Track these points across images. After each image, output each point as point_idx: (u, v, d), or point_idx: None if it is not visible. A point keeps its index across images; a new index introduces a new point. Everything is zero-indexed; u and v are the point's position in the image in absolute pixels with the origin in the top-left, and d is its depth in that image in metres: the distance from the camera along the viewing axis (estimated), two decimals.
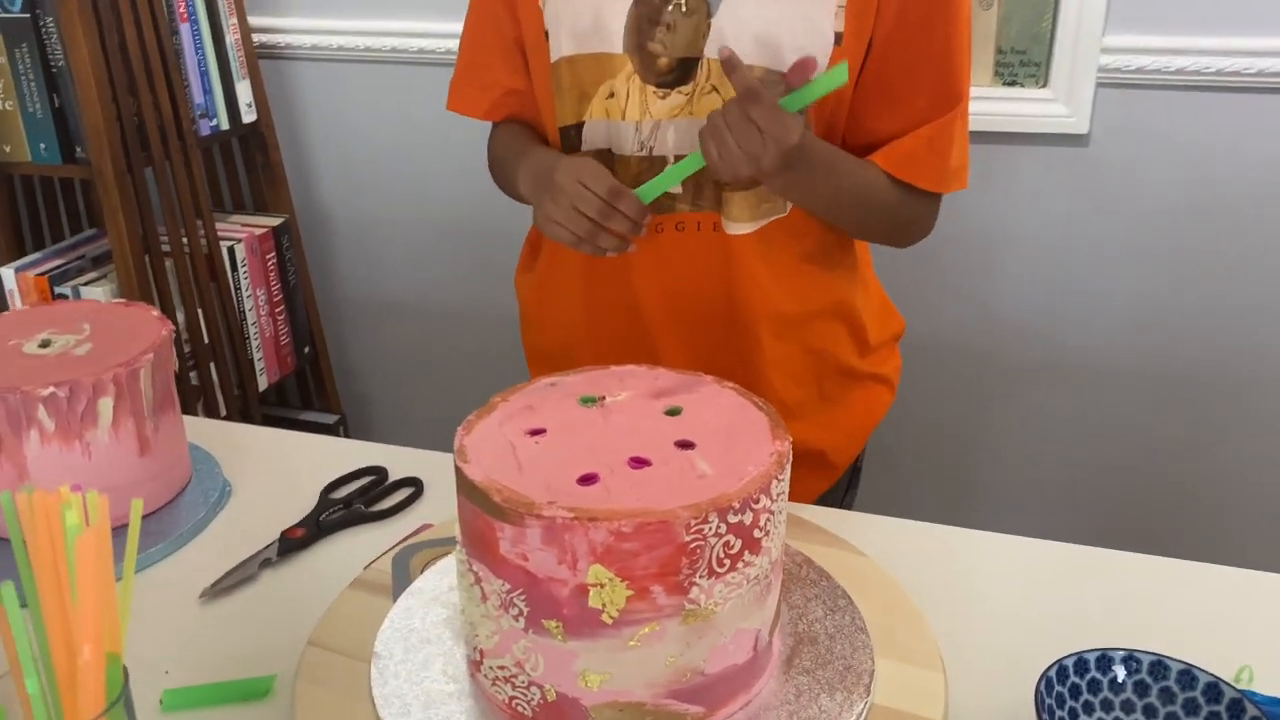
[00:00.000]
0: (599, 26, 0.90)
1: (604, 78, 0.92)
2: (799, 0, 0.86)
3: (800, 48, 0.87)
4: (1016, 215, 1.66)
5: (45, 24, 1.45)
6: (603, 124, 0.93)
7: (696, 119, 0.90)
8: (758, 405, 0.69)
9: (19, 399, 0.83)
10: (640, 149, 0.92)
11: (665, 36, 0.89)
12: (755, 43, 0.87)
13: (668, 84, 0.90)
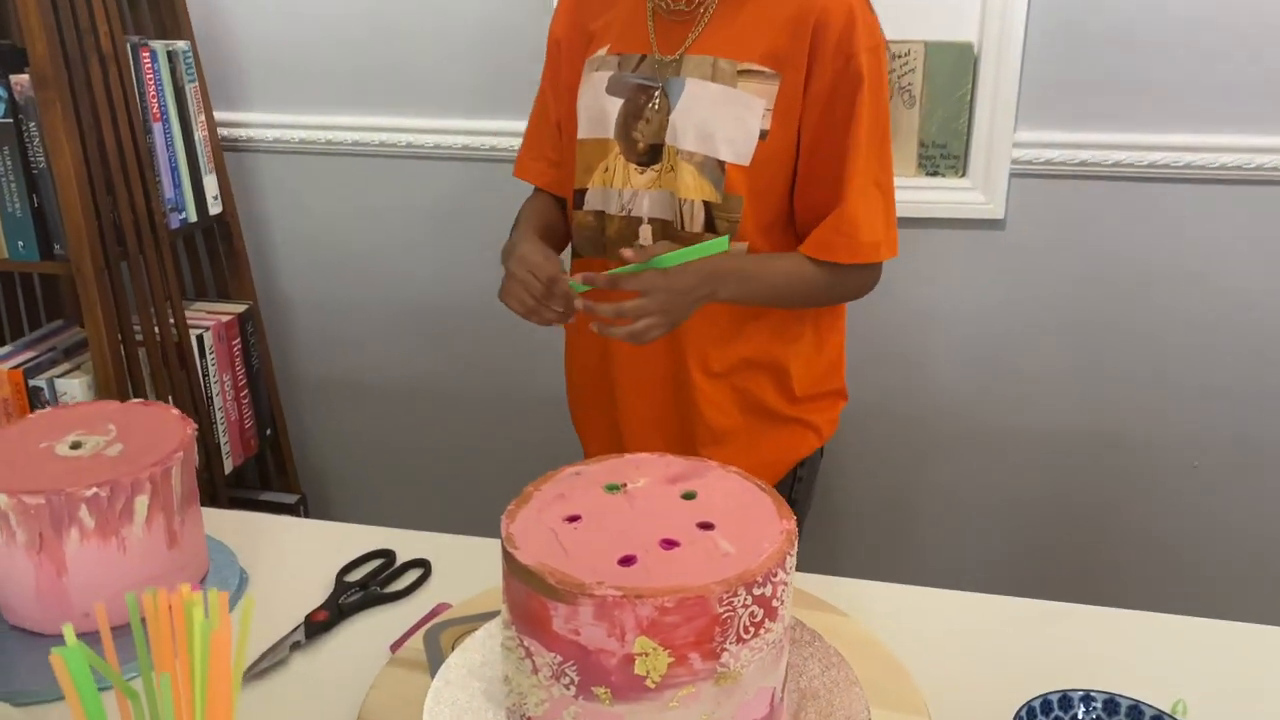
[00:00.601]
0: (602, 118, 1.16)
1: (603, 156, 1.16)
2: (734, 105, 1.09)
3: (731, 139, 1.10)
4: (942, 292, 1.81)
5: (28, 129, 1.50)
6: (599, 191, 1.18)
7: (664, 190, 1.14)
8: (760, 487, 0.79)
9: (63, 500, 0.89)
10: (622, 211, 1.17)
11: (643, 127, 1.14)
12: (697, 134, 1.10)
13: (644, 163, 1.14)
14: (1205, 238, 1.68)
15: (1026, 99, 1.68)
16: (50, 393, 1.59)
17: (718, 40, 1.11)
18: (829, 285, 1.17)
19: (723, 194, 1.11)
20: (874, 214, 1.13)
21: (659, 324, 1.03)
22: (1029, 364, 1.81)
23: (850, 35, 1.07)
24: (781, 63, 1.09)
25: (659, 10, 1.14)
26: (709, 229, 1.13)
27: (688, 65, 1.11)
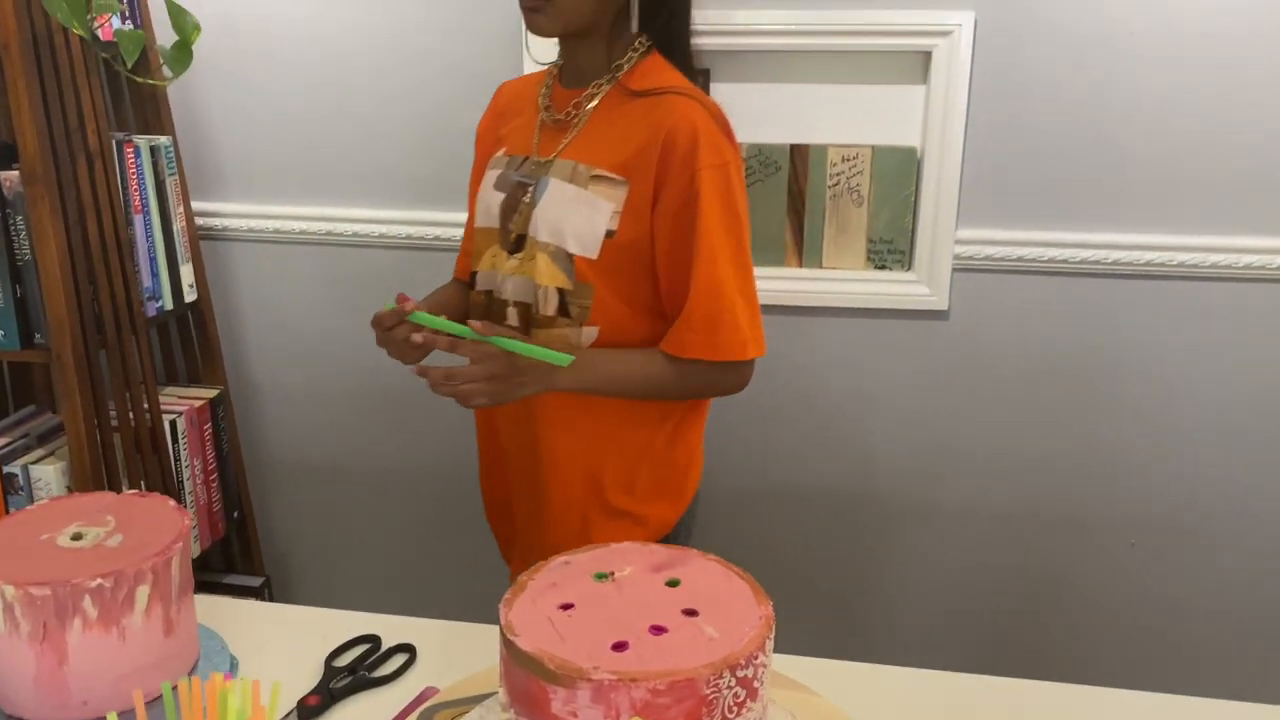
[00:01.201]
0: (489, 210, 1.31)
1: (491, 243, 1.31)
2: (585, 206, 1.21)
3: (579, 236, 1.21)
4: (890, 377, 1.90)
5: (15, 222, 1.55)
6: (487, 274, 1.31)
7: (525, 275, 1.25)
8: (739, 575, 0.85)
9: (68, 591, 0.92)
10: (498, 293, 1.30)
11: (516, 219, 1.27)
12: (550, 228, 1.22)
13: (513, 251, 1.27)
14: (1134, 329, 1.80)
15: (966, 200, 1.80)
16: (24, 479, 1.61)
17: (583, 148, 1.24)
18: (685, 381, 1.25)
19: (574, 282, 1.22)
20: (731, 315, 1.21)
21: (483, 394, 1.12)
22: (974, 447, 1.91)
23: (694, 153, 1.17)
24: (631, 172, 1.20)
25: (545, 120, 1.29)
26: (562, 313, 1.23)
27: (555, 168, 1.25)
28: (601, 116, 1.25)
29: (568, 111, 1.27)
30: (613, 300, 1.23)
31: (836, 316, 1.89)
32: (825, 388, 1.92)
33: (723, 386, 1.28)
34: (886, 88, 1.81)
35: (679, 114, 1.19)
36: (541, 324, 1.25)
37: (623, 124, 1.23)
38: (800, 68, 1.82)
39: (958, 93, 1.75)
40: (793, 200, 1.86)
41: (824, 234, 1.87)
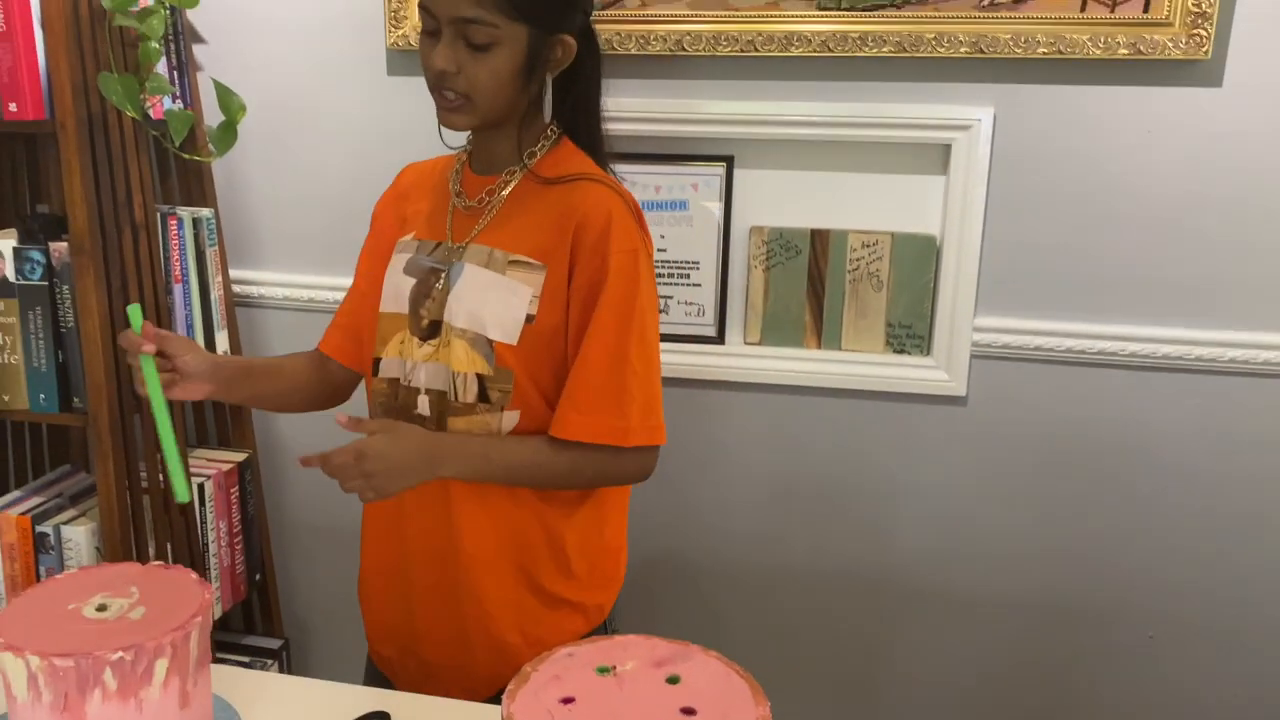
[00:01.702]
0: (398, 295, 1.30)
1: (397, 329, 1.29)
2: (503, 290, 1.23)
3: (499, 322, 1.22)
4: (907, 462, 1.92)
5: (61, 291, 1.61)
6: (394, 361, 1.30)
7: (440, 362, 1.25)
8: (739, 673, 0.87)
9: (90, 663, 0.95)
10: (405, 380, 1.28)
11: (429, 305, 1.27)
12: (468, 314, 1.23)
13: (425, 337, 1.27)
14: (1153, 421, 1.81)
15: (985, 288, 1.82)
16: (55, 539, 1.65)
17: (497, 233, 1.26)
18: (574, 467, 1.24)
19: (494, 367, 1.23)
20: (619, 399, 1.22)
21: (366, 489, 1.16)
22: (990, 535, 1.91)
23: (605, 239, 1.21)
24: (548, 256, 1.23)
25: (457, 206, 1.31)
26: (482, 399, 1.24)
27: (469, 253, 1.25)
28: (515, 203, 1.27)
29: (480, 198, 1.28)
30: (530, 387, 1.24)
31: (854, 399, 1.91)
32: (841, 470, 1.94)
33: (620, 475, 1.28)
34: (907, 177, 1.85)
35: (593, 200, 1.23)
36: (459, 411, 1.24)
37: (537, 210, 1.25)
38: (822, 156, 1.86)
39: (976, 184, 1.78)
40: (812, 283, 1.90)
41: (843, 317, 1.90)
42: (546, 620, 1.31)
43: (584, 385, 1.22)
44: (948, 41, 1.72)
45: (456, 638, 1.31)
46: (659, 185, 1.92)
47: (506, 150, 1.28)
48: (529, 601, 1.30)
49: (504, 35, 1.17)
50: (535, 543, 1.29)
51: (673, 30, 1.80)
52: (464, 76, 1.18)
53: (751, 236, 1.91)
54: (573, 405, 1.22)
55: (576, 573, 1.32)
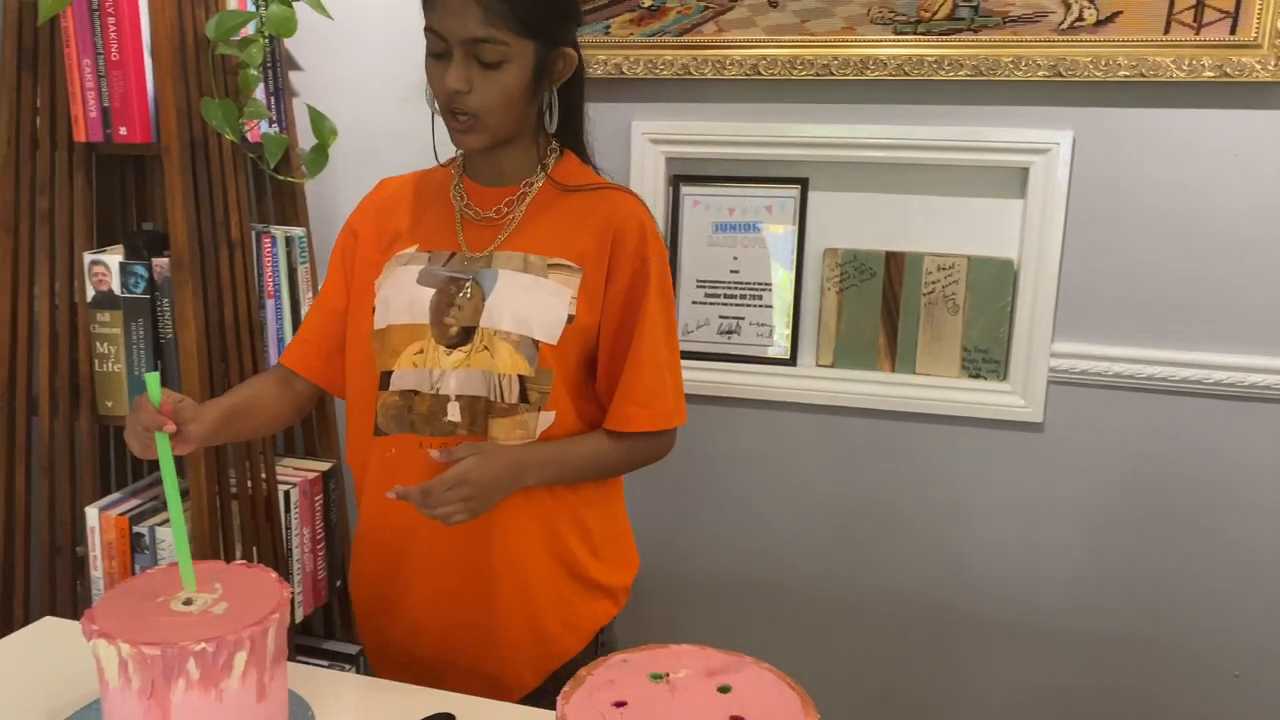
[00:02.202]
0: (412, 306, 1.29)
1: (413, 340, 1.29)
2: (544, 293, 1.27)
3: (543, 322, 1.26)
4: (980, 488, 1.89)
5: (161, 304, 1.71)
6: (411, 372, 1.29)
7: (473, 369, 1.26)
8: (790, 685, 0.88)
9: (175, 653, 1.01)
10: (432, 389, 1.28)
11: (455, 314, 1.28)
12: (513, 318, 1.26)
13: (453, 345, 1.27)
14: (1237, 452, 1.76)
15: (1063, 313, 1.80)
16: (150, 539, 1.74)
17: (527, 240, 1.30)
18: (627, 456, 1.34)
19: (536, 368, 1.27)
20: (666, 389, 1.32)
21: (460, 512, 1.20)
22: (1066, 564, 1.87)
23: (644, 243, 1.29)
24: (585, 260, 1.29)
25: (468, 218, 1.33)
26: (523, 400, 1.27)
27: (499, 260, 1.29)
28: (537, 211, 1.31)
29: (498, 209, 1.32)
30: (563, 387, 1.29)
31: (927, 423, 1.89)
32: (913, 494, 1.92)
33: (658, 455, 1.38)
34: (983, 200, 1.85)
35: (627, 208, 1.31)
36: (503, 413, 1.27)
37: (563, 217, 1.31)
38: (897, 179, 1.87)
39: (1055, 208, 1.77)
40: (887, 306, 1.90)
41: (918, 340, 1.90)
42: (582, 606, 1.37)
43: (641, 380, 1.30)
44: (1025, 65, 1.71)
45: (490, 638, 1.34)
46: (732, 207, 1.94)
47: (517, 163, 1.33)
48: (567, 588, 1.35)
49: (513, 52, 1.22)
50: (566, 530, 1.34)
51: (749, 55, 1.83)
52: (476, 95, 1.22)
53: (825, 259, 1.91)
54: (632, 399, 1.30)
55: (603, 555, 1.38)
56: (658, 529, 2.04)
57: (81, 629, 1.04)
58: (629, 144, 1.93)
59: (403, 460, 1.30)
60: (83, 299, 1.74)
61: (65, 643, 1.32)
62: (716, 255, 1.96)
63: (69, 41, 1.64)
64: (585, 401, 1.34)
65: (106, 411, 1.77)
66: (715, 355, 1.98)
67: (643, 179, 1.93)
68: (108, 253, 1.74)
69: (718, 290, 1.97)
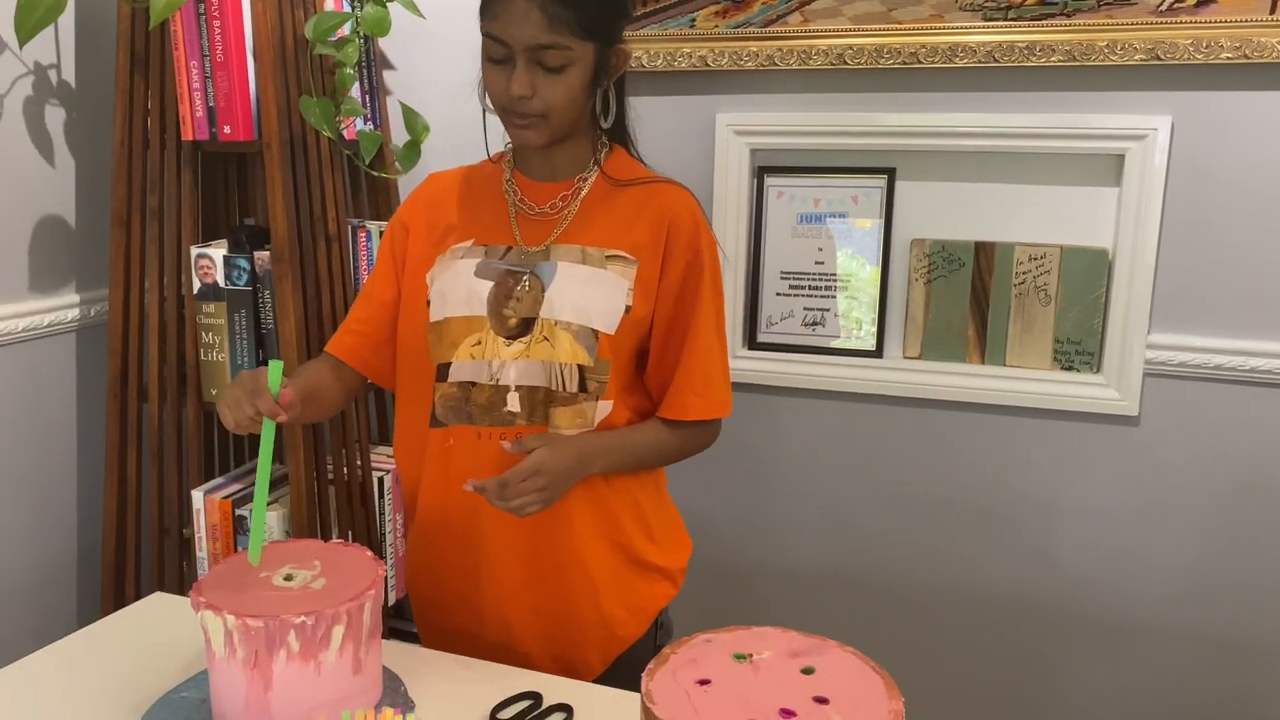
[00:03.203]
0: (470, 298, 1.31)
1: (471, 331, 1.30)
2: (605, 283, 1.29)
3: (602, 313, 1.28)
4: (1072, 483, 1.85)
5: (263, 296, 1.77)
6: (469, 364, 1.31)
7: (532, 360, 1.28)
8: (874, 669, 0.88)
9: (277, 625, 1.06)
10: (491, 380, 1.30)
11: (514, 306, 1.30)
12: (574, 309, 1.28)
13: (513, 336, 1.29)
14: None
15: (1160, 303, 1.75)
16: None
17: (583, 233, 1.32)
18: (682, 444, 1.37)
19: (595, 358, 1.28)
20: (720, 378, 1.35)
21: (534, 503, 1.22)
22: (1161, 563, 1.82)
23: (697, 235, 1.32)
24: (640, 251, 1.31)
25: (522, 212, 1.35)
26: (582, 390, 1.29)
27: (557, 252, 1.31)
28: (592, 205, 1.33)
29: (554, 203, 1.34)
30: (618, 376, 1.31)
31: (1018, 416, 1.86)
32: (1001, 489, 1.89)
33: (708, 443, 1.40)
34: (1076, 189, 1.81)
35: (680, 202, 1.33)
36: (564, 402, 1.29)
37: (617, 210, 1.33)
38: (986, 167, 1.84)
39: (1152, 196, 1.72)
40: (976, 297, 1.87)
41: (1008, 332, 1.86)
42: (643, 589, 1.39)
43: (697, 369, 1.32)
44: (1121, 49, 1.67)
45: (559, 625, 1.36)
46: (818, 198, 1.94)
47: (572, 158, 1.34)
48: (626, 572, 1.37)
49: (576, 56, 1.23)
50: (624, 516, 1.36)
51: (834, 45, 1.82)
52: (539, 99, 1.23)
53: (913, 249, 1.89)
54: (690, 388, 1.33)
55: (658, 538, 1.40)
56: (735, 521, 2.05)
57: (190, 601, 1.10)
58: (713, 136, 1.93)
59: (460, 451, 1.32)
60: (189, 291, 1.82)
61: (174, 617, 1.38)
62: (801, 247, 1.96)
63: (178, 44, 1.72)
64: (634, 393, 1.36)
65: (211, 399, 1.85)
66: (799, 347, 1.97)
67: (727, 171, 1.94)
68: (212, 247, 1.81)
69: (802, 282, 1.96)
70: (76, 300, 1.97)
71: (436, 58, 2.05)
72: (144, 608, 1.42)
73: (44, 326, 1.91)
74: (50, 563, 1.99)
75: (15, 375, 1.88)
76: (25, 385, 1.90)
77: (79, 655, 1.29)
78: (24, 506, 1.93)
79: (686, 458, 1.40)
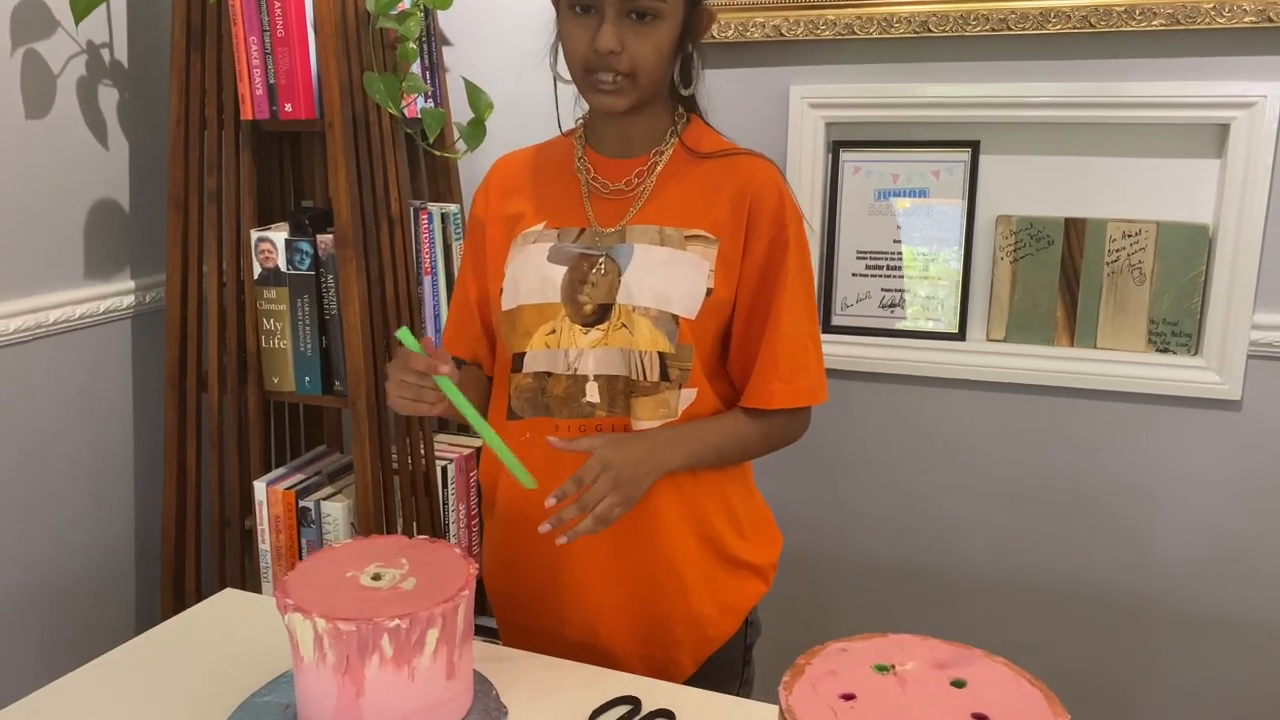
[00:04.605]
0: (544, 285, 1.25)
1: (545, 319, 1.25)
2: (685, 265, 1.22)
3: (682, 295, 1.21)
4: (1170, 471, 1.77)
5: (326, 280, 1.72)
6: (544, 353, 1.25)
7: (611, 348, 1.22)
8: (1030, 681, 0.81)
9: (370, 629, 1.00)
10: (568, 369, 1.24)
11: (589, 291, 1.23)
12: (652, 293, 1.21)
13: (590, 323, 1.23)
14: None
15: (1266, 282, 1.66)
16: (316, 514, 1.76)
17: (660, 212, 1.24)
18: (767, 435, 1.29)
19: (675, 344, 1.21)
20: (810, 362, 1.26)
21: (618, 503, 1.14)
22: (1265, 553, 1.73)
23: (782, 209, 1.23)
24: (721, 230, 1.23)
25: (595, 191, 1.28)
26: (663, 378, 1.22)
27: (633, 233, 1.24)
28: (668, 181, 1.25)
29: (628, 180, 1.26)
30: (700, 363, 1.24)
31: (1110, 401, 1.78)
32: (1093, 476, 1.81)
33: (797, 433, 1.32)
34: (1175, 161, 1.71)
35: (762, 174, 1.24)
36: (646, 391, 1.22)
37: (696, 186, 1.25)
38: (1077, 140, 1.75)
39: (1259, 168, 1.62)
40: (1065, 276, 1.78)
41: (1100, 312, 1.78)
42: (733, 586, 1.33)
43: (782, 353, 1.24)
44: (1230, 11, 1.58)
45: (648, 625, 1.30)
46: (896, 173, 1.85)
47: (648, 130, 1.27)
48: (715, 569, 1.31)
49: (668, 9, 1.16)
50: (712, 510, 1.29)
51: (917, 12, 1.73)
52: (628, 55, 1.16)
53: (998, 226, 1.81)
54: (775, 375, 1.24)
55: (747, 533, 1.34)
56: (812, 511, 1.97)
57: (276, 603, 1.04)
58: (786, 110, 1.85)
59: (537, 445, 1.25)
60: (249, 276, 1.77)
61: (246, 615, 1.33)
62: (879, 225, 1.88)
63: (236, 20, 1.66)
64: (719, 379, 1.29)
65: (273, 387, 1.79)
66: (877, 330, 1.89)
67: (801, 146, 1.86)
68: (273, 230, 1.76)
69: (880, 262, 1.88)
70: (132, 286, 1.92)
71: (497, 33, 1.98)
72: (214, 605, 1.37)
73: (100, 314, 1.87)
74: (108, 557, 1.95)
75: (72, 364, 1.83)
76: (82, 375, 1.86)
77: (152, 656, 1.24)
78: (81, 499, 1.88)
79: (774, 450, 1.32)
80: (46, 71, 1.73)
